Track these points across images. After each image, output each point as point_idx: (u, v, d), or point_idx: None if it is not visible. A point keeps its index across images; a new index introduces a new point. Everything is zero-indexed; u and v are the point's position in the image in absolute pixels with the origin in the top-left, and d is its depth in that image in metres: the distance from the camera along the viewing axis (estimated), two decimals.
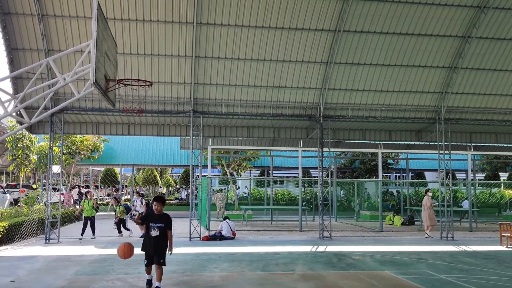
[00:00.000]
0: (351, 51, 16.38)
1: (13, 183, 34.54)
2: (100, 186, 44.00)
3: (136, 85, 10.47)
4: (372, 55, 16.60)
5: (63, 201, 28.45)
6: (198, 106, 17.02)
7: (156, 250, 8.17)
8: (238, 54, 16.03)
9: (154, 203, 8.37)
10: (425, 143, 21.76)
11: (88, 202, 16.90)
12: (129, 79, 10.01)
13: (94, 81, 7.67)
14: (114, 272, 10.16)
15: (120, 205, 17.61)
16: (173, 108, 16.94)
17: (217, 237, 16.35)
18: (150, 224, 8.19)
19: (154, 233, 8.10)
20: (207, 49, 15.77)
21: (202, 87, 16.75)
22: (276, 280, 9.45)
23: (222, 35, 15.49)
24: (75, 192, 44.61)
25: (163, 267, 8.36)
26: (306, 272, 10.39)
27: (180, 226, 19.08)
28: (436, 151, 18.53)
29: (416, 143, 23.02)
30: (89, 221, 16.64)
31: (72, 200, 30.96)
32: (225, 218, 17.69)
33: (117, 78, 9.79)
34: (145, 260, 8.33)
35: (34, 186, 34.63)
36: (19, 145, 22.52)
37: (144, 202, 19.57)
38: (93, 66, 7.65)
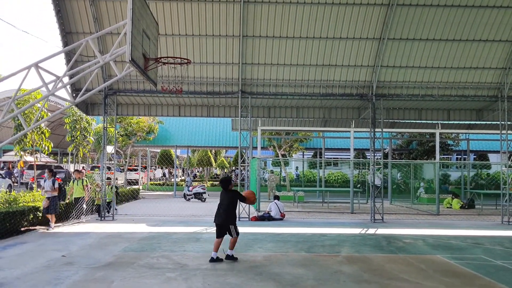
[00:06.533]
0: (405, 26, 15.58)
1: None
2: (157, 166, 45.47)
3: (173, 63, 10.48)
4: (429, 30, 15.71)
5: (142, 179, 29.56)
6: (246, 87, 16.90)
7: None
8: (286, 32, 15.68)
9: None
10: (487, 122, 20.50)
11: (77, 183, 15.03)
12: (167, 57, 10.01)
13: (130, 59, 7.72)
14: (160, 249, 10.36)
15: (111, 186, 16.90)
16: (221, 89, 16.94)
17: (266, 218, 16.33)
18: None
19: None
20: (254, 28, 15.54)
21: (250, 67, 16.59)
22: (319, 262, 9.25)
23: (270, 12, 15.19)
24: (158, 172, 46.41)
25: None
26: (352, 255, 10.11)
27: None
28: (499, 132, 17.38)
29: (477, 122, 21.73)
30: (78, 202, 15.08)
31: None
32: (276, 197, 17.61)
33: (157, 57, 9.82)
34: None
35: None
36: (77, 127, 23.54)
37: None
38: (129, 44, 7.69)
